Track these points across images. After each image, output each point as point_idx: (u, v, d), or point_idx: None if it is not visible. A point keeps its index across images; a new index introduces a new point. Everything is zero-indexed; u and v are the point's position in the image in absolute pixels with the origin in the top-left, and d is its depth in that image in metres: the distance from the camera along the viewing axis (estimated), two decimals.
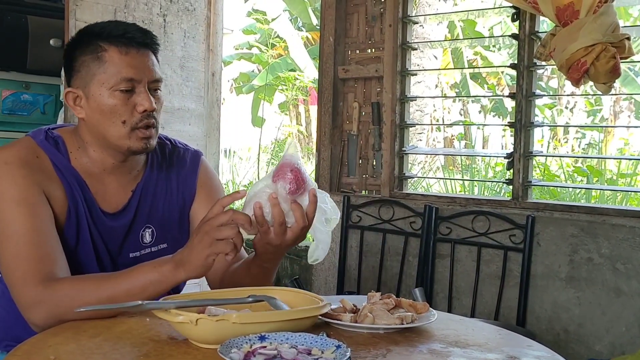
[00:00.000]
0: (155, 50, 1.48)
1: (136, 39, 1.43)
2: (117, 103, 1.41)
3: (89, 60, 1.42)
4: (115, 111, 1.41)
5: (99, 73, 1.41)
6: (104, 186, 1.48)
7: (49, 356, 1.08)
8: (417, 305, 1.36)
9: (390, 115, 3.35)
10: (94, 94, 1.42)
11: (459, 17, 7.49)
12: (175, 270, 1.27)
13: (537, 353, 1.22)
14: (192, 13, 3.73)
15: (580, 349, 2.75)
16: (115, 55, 1.41)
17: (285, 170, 1.25)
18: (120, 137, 1.42)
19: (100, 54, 1.41)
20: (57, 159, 1.43)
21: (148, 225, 1.52)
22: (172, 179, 1.57)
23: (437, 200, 3.21)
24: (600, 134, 8.51)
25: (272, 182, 1.26)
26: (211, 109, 3.88)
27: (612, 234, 2.70)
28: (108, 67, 1.40)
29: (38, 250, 1.32)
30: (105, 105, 1.41)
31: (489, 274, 2.99)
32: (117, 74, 1.40)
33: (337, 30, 3.54)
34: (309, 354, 1.05)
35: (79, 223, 1.43)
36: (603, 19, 2.51)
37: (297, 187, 1.25)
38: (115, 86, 1.40)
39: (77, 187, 1.43)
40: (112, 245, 1.48)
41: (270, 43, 10.96)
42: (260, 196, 1.26)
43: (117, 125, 1.42)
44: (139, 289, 1.27)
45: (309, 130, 12.16)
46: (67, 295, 1.28)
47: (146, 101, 1.41)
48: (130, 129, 1.42)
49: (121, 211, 1.49)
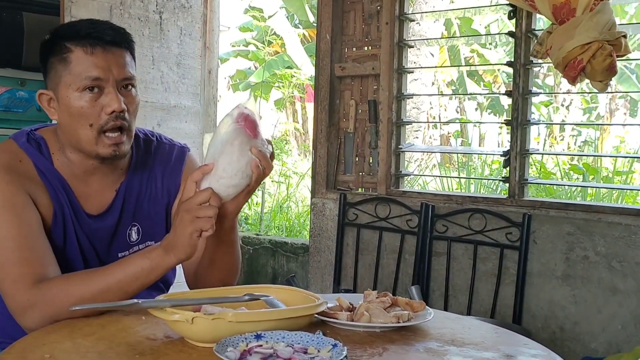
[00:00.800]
0: (128, 48, 1.43)
1: (104, 37, 1.38)
2: (84, 105, 1.37)
3: (56, 62, 1.39)
4: (82, 113, 1.37)
5: (65, 75, 1.38)
6: (87, 187, 1.46)
7: (44, 354, 1.07)
8: (414, 303, 1.37)
9: (386, 112, 3.35)
10: (62, 96, 1.39)
11: (455, 14, 7.50)
12: (165, 255, 1.27)
13: (533, 351, 1.22)
14: (189, 10, 3.72)
15: (576, 347, 2.76)
16: (80, 55, 1.37)
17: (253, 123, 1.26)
18: (88, 142, 1.39)
19: (65, 55, 1.38)
20: (40, 162, 1.41)
21: (134, 223, 1.51)
22: (157, 176, 1.55)
23: (434, 198, 3.21)
24: (596, 132, 8.52)
25: (254, 138, 1.26)
26: (207, 106, 3.88)
27: (608, 232, 2.70)
28: (73, 68, 1.37)
29: (27, 255, 1.31)
30: (73, 108, 1.37)
31: (485, 271, 3.00)
32: (82, 74, 1.36)
33: (334, 28, 3.54)
34: (305, 353, 1.05)
35: (65, 225, 1.41)
36: (599, 17, 2.51)
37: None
38: (81, 86, 1.36)
39: (61, 189, 1.42)
40: (99, 246, 1.47)
41: (267, 40, 10.95)
42: (236, 150, 1.24)
43: (85, 129, 1.38)
44: (131, 278, 1.28)
45: (306, 128, 12.15)
46: (58, 293, 1.27)
47: (114, 102, 1.36)
48: (98, 133, 1.38)
49: (105, 212, 1.47)
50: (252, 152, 1.25)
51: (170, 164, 1.58)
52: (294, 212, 6.66)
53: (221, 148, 1.24)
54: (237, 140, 1.24)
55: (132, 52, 1.45)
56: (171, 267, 1.30)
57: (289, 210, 6.70)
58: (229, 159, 1.24)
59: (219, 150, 1.24)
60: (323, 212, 3.53)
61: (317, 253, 3.55)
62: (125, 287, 1.28)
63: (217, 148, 1.24)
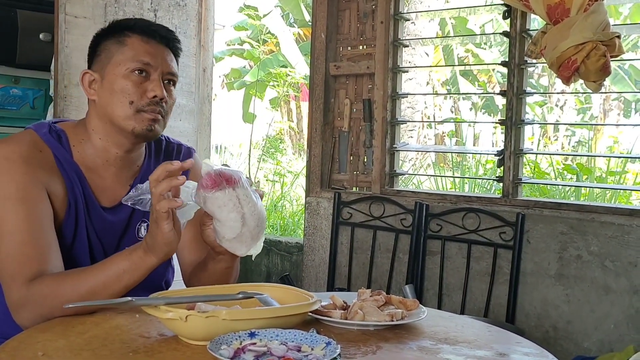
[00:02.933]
0: (176, 54, 1.53)
1: (160, 32, 1.49)
2: (129, 84, 1.43)
3: (111, 44, 1.47)
4: (126, 91, 1.44)
5: (118, 55, 1.45)
6: (103, 180, 1.49)
7: (37, 352, 1.07)
8: (407, 302, 1.37)
9: (381, 112, 3.35)
10: (109, 73, 1.45)
11: (450, 14, 7.50)
12: (145, 256, 1.27)
13: (526, 350, 1.22)
14: (183, 8, 3.71)
15: (569, 346, 2.77)
16: (136, 41, 1.46)
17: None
18: (126, 117, 1.44)
19: (122, 39, 1.46)
20: (59, 153, 1.44)
21: (144, 219, 1.53)
22: None
23: (428, 198, 3.21)
24: (590, 132, 8.55)
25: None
26: (202, 104, 3.87)
27: (601, 232, 2.71)
28: (127, 50, 1.45)
29: (29, 251, 1.30)
30: (117, 85, 1.44)
31: (479, 271, 3.00)
32: (135, 57, 1.44)
33: (329, 27, 3.54)
34: (299, 351, 1.05)
35: (77, 219, 1.43)
36: (594, 17, 2.52)
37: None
38: (131, 67, 1.44)
39: (77, 182, 1.44)
40: (108, 241, 1.48)
41: (262, 39, 10.94)
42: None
43: (124, 105, 1.44)
44: (114, 279, 1.27)
45: (300, 127, 12.15)
46: (48, 293, 1.27)
47: (157, 88, 1.44)
48: (136, 110, 1.44)
49: (119, 205, 1.49)
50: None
51: None
52: (288, 211, 6.66)
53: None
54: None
55: (178, 58, 1.54)
56: (153, 267, 1.29)
57: (283, 209, 6.70)
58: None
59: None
60: (317, 211, 3.53)
61: (311, 252, 3.55)
62: (110, 289, 1.27)
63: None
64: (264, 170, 8.53)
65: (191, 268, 1.57)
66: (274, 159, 9.71)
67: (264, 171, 8.50)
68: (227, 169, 1.27)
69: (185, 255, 1.59)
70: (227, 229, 1.28)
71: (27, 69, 3.84)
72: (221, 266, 1.43)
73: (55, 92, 3.22)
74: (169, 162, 1.23)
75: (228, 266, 1.44)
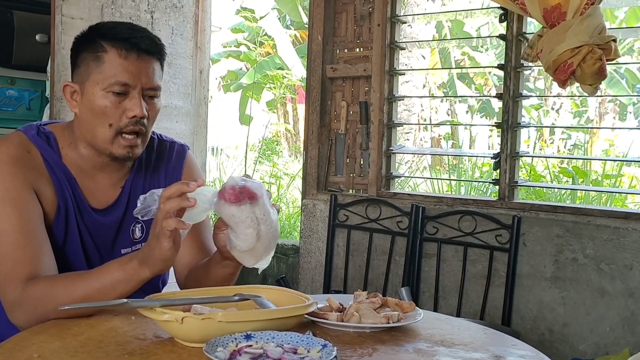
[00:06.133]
0: (160, 59, 1.47)
1: (140, 44, 1.41)
2: (108, 105, 1.40)
3: (89, 59, 1.42)
4: (105, 112, 1.40)
5: (96, 73, 1.40)
6: (94, 183, 1.48)
7: (32, 354, 1.07)
8: (403, 304, 1.37)
9: (378, 114, 3.35)
10: (87, 92, 1.42)
11: (447, 17, 7.52)
12: (140, 268, 1.26)
13: (521, 352, 1.22)
14: (180, 10, 3.71)
15: (564, 349, 2.77)
16: (114, 57, 1.40)
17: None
18: (104, 141, 1.42)
19: (100, 54, 1.40)
20: (48, 155, 1.43)
21: (138, 220, 1.52)
22: (160, 173, 1.58)
23: (424, 200, 3.21)
24: (585, 135, 8.57)
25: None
26: (199, 106, 3.87)
27: (597, 235, 2.72)
28: (105, 68, 1.40)
29: (22, 251, 1.30)
30: (96, 105, 1.40)
31: (475, 273, 3.01)
32: (112, 77, 1.39)
33: (326, 29, 3.54)
34: (295, 353, 1.05)
35: (67, 220, 1.42)
36: (590, 20, 2.52)
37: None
38: (109, 88, 1.39)
39: (66, 183, 1.43)
40: (102, 242, 1.48)
41: (259, 41, 10.93)
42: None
43: (104, 127, 1.41)
44: (109, 287, 1.26)
45: (297, 129, 12.15)
46: (42, 296, 1.26)
47: (137, 107, 1.40)
48: (115, 133, 1.41)
49: (110, 207, 1.49)
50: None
51: (172, 162, 1.61)
52: (285, 213, 6.65)
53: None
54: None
55: (162, 62, 1.49)
56: (146, 279, 1.27)
57: (280, 211, 6.68)
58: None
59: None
60: (314, 213, 3.53)
61: (308, 254, 3.55)
62: (104, 296, 1.26)
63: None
64: (260, 173, 8.52)
65: (187, 270, 1.57)
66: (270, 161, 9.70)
67: (260, 173, 8.49)
68: (251, 184, 1.26)
69: (180, 257, 1.59)
70: (241, 241, 1.27)
71: (23, 70, 3.83)
72: (225, 271, 1.43)
73: (52, 93, 3.21)
74: (185, 183, 1.22)
75: (232, 272, 1.44)
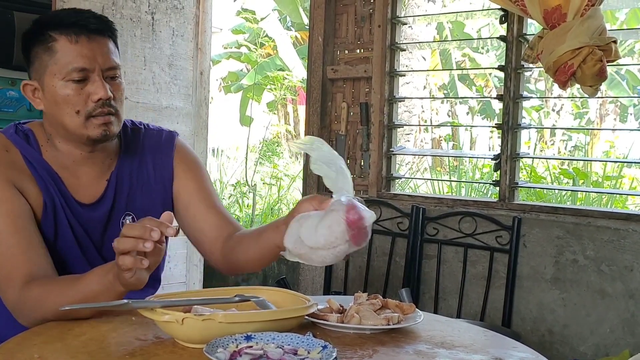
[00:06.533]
0: (112, 36, 1.43)
1: (88, 26, 1.38)
2: (70, 93, 1.37)
3: (41, 52, 1.39)
4: (69, 101, 1.38)
5: (51, 64, 1.38)
6: (78, 178, 1.45)
7: (33, 355, 1.07)
8: (404, 305, 1.37)
9: (378, 115, 3.35)
10: (47, 85, 1.39)
11: (447, 18, 7.52)
12: (115, 282, 1.20)
13: (521, 354, 1.22)
14: (181, 11, 3.72)
15: (564, 350, 2.77)
16: (65, 45, 1.37)
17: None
18: (77, 127, 1.39)
19: (50, 45, 1.38)
20: (28, 153, 1.41)
21: (128, 212, 1.49)
22: (147, 163, 1.54)
23: (425, 201, 3.22)
24: (586, 137, 8.57)
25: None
26: (199, 107, 3.87)
27: (597, 236, 2.72)
28: (59, 58, 1.37)
29: (17, 250, 1.29)
30: (59, 97, 1.38)
31: (475, 274, 3.01)
32: (68, 64, 1.36)
33: (326, 31, 3.54)
34: (295, 354, 1.05)
35: (56, 216, 1.40)
36: (590, 22, 2.53)
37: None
38: (67, 77, 1.37)
39: (50, 180, 1.40)
40: (96, 237, 1.46)
41: (259, 42, 10.94)
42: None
43: (72, 116, 1.38)
44: (92, 297, 1.22)
45: (297, 130, 12.16)
46: (36, 301, 1.25)
47: (100, 89, 1.37)
48: (85, 118, 1.38)
49: (98, 201, 1.46)
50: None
51: (160, 149, 1.57)
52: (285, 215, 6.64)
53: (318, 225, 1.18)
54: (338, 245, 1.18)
55: (116, 40, 1.45)
56: (124, 293, 1.22)
57: (280, 212, 6.69)
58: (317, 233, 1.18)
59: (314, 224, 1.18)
60: None
61: None
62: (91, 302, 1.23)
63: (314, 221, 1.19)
64: (261, 174, 8.52)
65: (220, 243, 1.51)
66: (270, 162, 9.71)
67: (261, 174, 8.49)
68: (369, 220, 1.21)
69: (205, 234, 1.54)
70: (306, 248, 1.19)
71: (24, 71, 3.83)
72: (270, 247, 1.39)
73: None
74: (151, 229, 1.12)
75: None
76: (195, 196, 1.56)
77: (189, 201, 1.56)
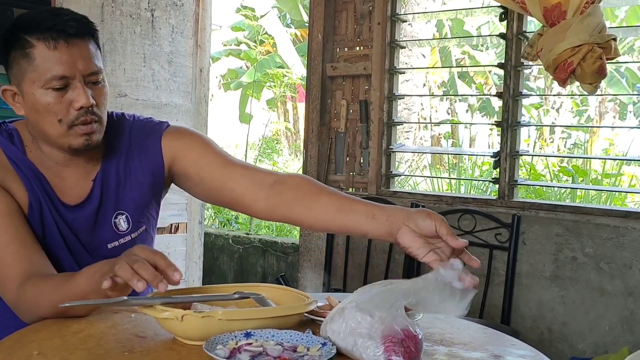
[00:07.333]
0: (92, 37, 1.36)
1: (67, 30, 1.31)
2: (51, 101, 1.32)
3: (19, 57, 1.33)
4: (50, 110, 1.32)
5: (30, 71, 1.32)
6: (62, 179, 1.42)
7: (32, 351, 1.07)
8: None
9: (378, 113, 3.35)
10: (27, 92, 1.33)
11: (447, 16, 7.52)
12: (102, 282, 1.15)
13: (521, 352, 1.23)
14: (181, 8, 3.71)
15: (563, 348, 2.77)
16: (43, 51, 1.30)
17: None
18: (59, 136, 1.35)
19: (28, 51, 1.31)
20: (11, 152, 1.38)
21: (120, 212, 1.46)
22: (134, 157, 1.49)
23: (424, 199, 3.22)
24: (585, 134, 8.58)
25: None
26: (199, 104, 3.87)
27: (597, 234, 2.72)
28: (37, 65, 1.31)
29: (13, 248, 1.29)
30: (39, 104, 1.32)
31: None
32: (47, 72, 1.30)
33: (326, 28, 3.54)
34: (295, 351, 1.05)
35: (42, 214, 1.37)
36: (590, 19, 2.52)
37: None
38: (47, 85, 1.31)
39: (35, 180, 1.38)
40: (83, 237, 1.42)
41: (259, 40, 10.94)
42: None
43: (53, 124, 1.33)
44: (82, 296, 1.19)
45: (297, 128, 12.16)
46: (32, 300, 1.24)
47: (82, 97, 1.31)
48: (68, 127, 1.34)
49: (84, 202, 1.42)
50: None
51: (146, 138, 1.50)
52: None
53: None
54: None
55: (97, 41, 1.38)
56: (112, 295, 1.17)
57: None
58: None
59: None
60: None
61: (307, 252, 3.55)
62: None
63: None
64: None
65: (264, 191, 1.42)
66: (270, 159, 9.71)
67: None
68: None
69: (236, 188, 1.45)
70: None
71: None
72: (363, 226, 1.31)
73: None
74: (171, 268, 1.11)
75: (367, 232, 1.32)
76: (205, 163, 1.47)
77: (200, 172, 1.48)
